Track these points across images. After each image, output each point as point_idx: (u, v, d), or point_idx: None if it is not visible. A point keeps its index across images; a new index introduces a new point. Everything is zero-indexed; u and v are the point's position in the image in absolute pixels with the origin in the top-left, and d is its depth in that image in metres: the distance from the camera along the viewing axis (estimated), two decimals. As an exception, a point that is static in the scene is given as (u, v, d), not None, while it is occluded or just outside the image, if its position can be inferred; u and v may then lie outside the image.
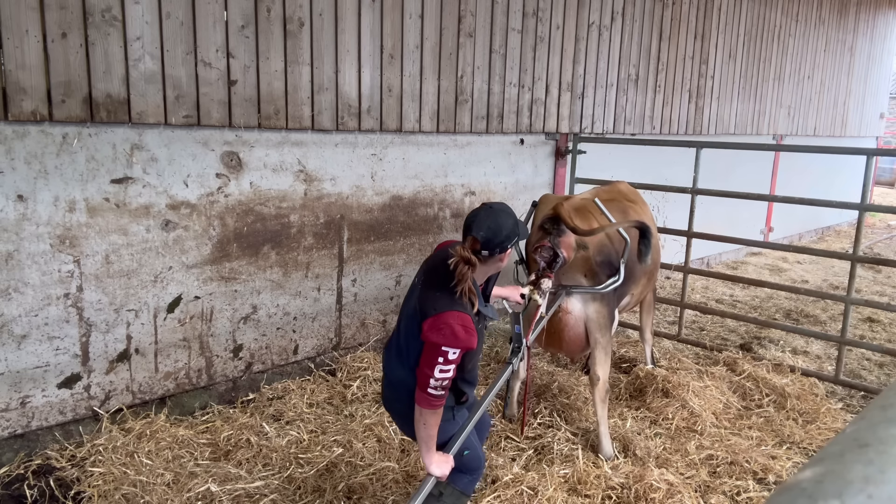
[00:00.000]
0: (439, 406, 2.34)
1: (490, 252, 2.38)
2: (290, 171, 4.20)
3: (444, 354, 2.27)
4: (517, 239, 2.46)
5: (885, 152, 4.50)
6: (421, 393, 2.32)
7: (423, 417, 2.35)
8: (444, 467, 2.44)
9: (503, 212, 2.44)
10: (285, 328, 4.39)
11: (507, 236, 2.39)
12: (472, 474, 2.73)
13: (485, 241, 2.36)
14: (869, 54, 11.80)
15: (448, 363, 2.28)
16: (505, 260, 2.50)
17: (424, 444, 2.40)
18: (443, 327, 2.27)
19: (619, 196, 4.19)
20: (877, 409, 0.59)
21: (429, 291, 2.39)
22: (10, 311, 3.24)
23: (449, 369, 2.28)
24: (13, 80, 3.07)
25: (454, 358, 2.28)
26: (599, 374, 3.61)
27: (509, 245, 2.42)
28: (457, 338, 2.27)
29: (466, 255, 2.33)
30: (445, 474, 2.45)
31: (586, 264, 3.57)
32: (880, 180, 20.46)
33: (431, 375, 2.28)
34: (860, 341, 5.26)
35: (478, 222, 2.39)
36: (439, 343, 2.27)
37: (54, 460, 3.34)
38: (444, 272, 2.38)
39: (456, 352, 2.28)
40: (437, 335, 2.27)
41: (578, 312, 3.59)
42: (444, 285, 2.35)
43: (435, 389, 2.29)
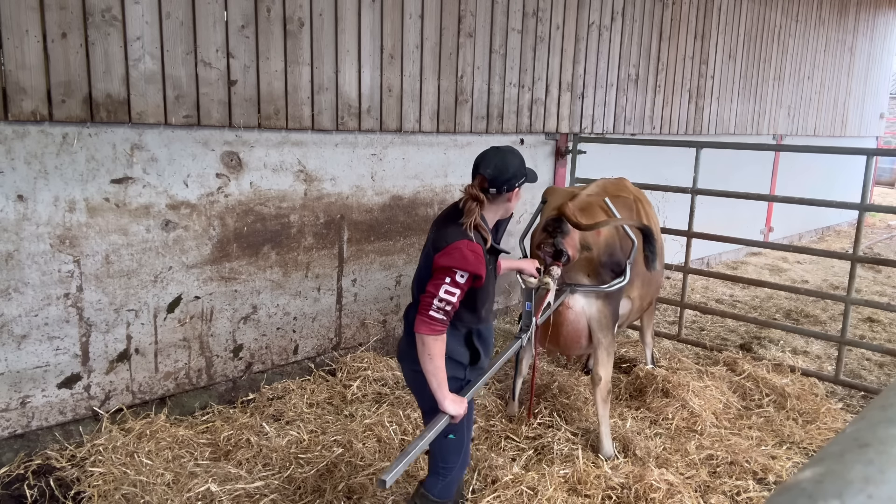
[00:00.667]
0: (440, 332, 2.29)
1: (498, 189, 2.42)
2: (290, 171, 4.20)
3: (452, 275, 2.27)
4: (524, 179, 2.50)
5: (885, 152, 4.50)
6: (421, 316, 2.28)
7: (426, 347, 2.30)
8: (458, 406, 2.38)
9: (510, 152, 2.49)
10: (285, 328, 4.39)
11: (513, 174, 2.44)
12: (446, 475, 2.62)
13: (492, 179, 2.41)
14: (869, 54, 11.81)
15: (455, 285, 2.27)
16: (513, 201, 2.53)
17: (434, 378, 2.34)
18: (453, 251, 2.30)
19: (626, 192, 4.16)
20: (877, 409, 0.59)
21: (441, 230, 2.43)
22: (10, 311, 3.24)
23: (455, 292, 2.27)
24: (13, 80, 3.07)
25: (462, 281, 2.28)
26: (602, 374, 3.61)
27: (517, 183, 2.46)
28: (466, 260, 2.28)
29: (475, 192, 2.40)
30: (460, 414, 2.39)
31: (590, 265, 3.57)
32: (880, 180, 20.46)
33: (436, 295, 2.26)
34: (860, 341, 5.26)
35: (486, 161, 2.45)
36: (448, 265, 2.28)
37: (54, 460, 3.34)
38: (454, 214, 2.45)
39: (464, 275, 2.28)
40: (447, 258, 2.30)
41: (580, 309, 3.58)
42: (455, 223, 2.40)
43: (437, 311, 2.26)
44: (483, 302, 2.50)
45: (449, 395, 2.37)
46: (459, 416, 2.39)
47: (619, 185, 4.24)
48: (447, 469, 2.61)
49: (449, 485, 2.64)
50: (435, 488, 2.62)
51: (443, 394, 2.36)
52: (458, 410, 2.38)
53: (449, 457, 2.60)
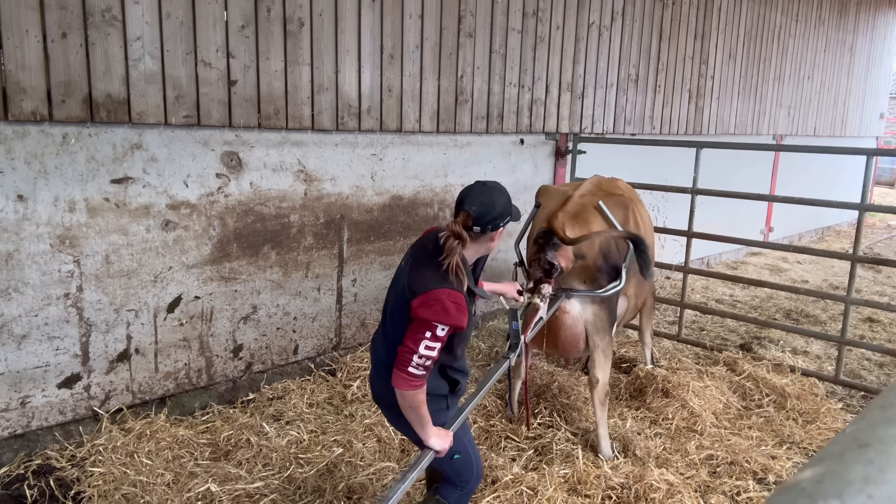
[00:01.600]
0: (419, 387, 2.22)
1: (482, 228, 2.31)
2: (290, 171, 4.20)
3: (433, 329, 2.18)
4: (509, 219, 2.40)
5: (885, 152, 4.50)
6: (399, 372, 2.20)
7: (406, 400, 2.24)
8: (443, 441, 2.35)
9: (497, 189, 2.38)
10: (285, 328, 4.39)
11: (499, 213, 2.33)
12: (463, 487, 2.59)
13: (477, 217, 2.30)
14: (869, 54, 11.80)
15: (436, 339, 2.19)
16: (496, 241, 2.43)
17: (418, 423, 2.29)
18: (433, 303, 2.19)
19: (619, 190, 4.16)
20: (877, 409, 0.59)
21: (418, 270, 2.31)
22: (10, 311, 3.24)
23: (435, 347, 2.19)
24: (13, 80, 3.07)
25: (442, 335, 2.19)
26: (599, 376, 3.60)
27: (501, 223, 2.36)
28: (448, 314, 2.19)
29: (457, 230, 2.28)
30: (445, 449, 2.36)
31: (585, 272, 3.56)
32: (880, 180, 20.46)
33: (416, 351, 2.18)
34: (860, 341, 5.26)
35: (471, 198, 2.33)
36: (429, 318, 2.18)
37: (54, 460, 3.34)
38: (433, 250, 2.33)
39: (445, 329, 2.19)
40: (427, 311, 2.19)
41: (577, 313, 3.58)
42: (434, 263, 2.28)
43: (416, 368, 2.19)
44: (459, 344, 2.43)
45: (433, 431, 2.34)
46: (445, 450, 2.37)
47: (612, 183, 4.23)
48: (464, 482, 2.61)
49: (465, 495, 2.64)
50: (451, 497, 2.60)
51: (427, 432, 2.32)
52: (443, 445, 2.35)
53: (462, 472, 2.59)
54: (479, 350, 5.12)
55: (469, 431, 2.67)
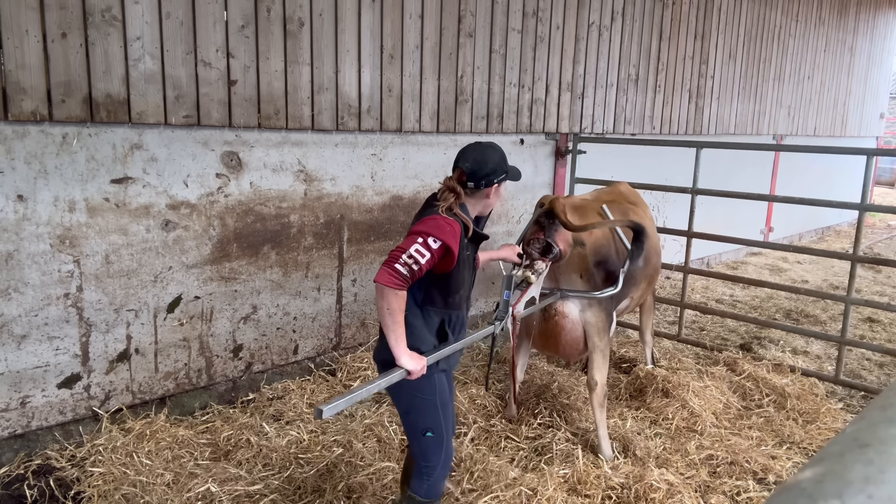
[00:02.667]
0: (400, 286, 2.23)
1: (476, 184, 2.43)
2: (290, 171, 4.20)
3: (425, 237, 2.25)
4: (505, 176, 2.49)
5: (885, 152, 4.50)
6: (385, 267, 2.23)
7: (385, 300, 2.24)
8: (415, 362, 2.33)
9: (490, 147, 2.49)
10: (285, 328, 4.39)
11: (492, 169, 2.44)
12: (429, 474, 2.57)
13: (471, 173, 2.42)
14: (869, 54, 11.81)
15: (426, 247, 2.24)
16: (492, 197, 2.52)
17: (392, 333, 2.30)
18: (428, 220, 2.31)
19: (620, 197, 4.18)
20: (877, 409, 0.59)
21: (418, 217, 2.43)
22: (10, 311, 3.24)
23: (425, 254, 2.23)
24: (13, 80, 3.07)
25: (434, 247, 2.25)
26: (597, 378, 3.60)
27: (495, 179, 2.46)
28: (440, 228, 2.27)
29: (451, 185, 2.41)
30: (416, 371, 2.33)
31: (582, 263, 3.56)
32: (880, 180, 20.46)
33: (406, 250, 2.23)
34: (860, 341, 5.26)
35: (465, 155, 2.46)
36: (422, 230, 2.27)
37: (54, 460, 3.34)
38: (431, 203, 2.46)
39: (437, 241, 2.25)
40: (421, 225, 2.30)
41: (575, 317, 3.58)
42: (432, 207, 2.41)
43: (402, 266, 2.21)
44: (457, 287, 2.47)
45: (406, 351, 2.34)
46: (416, 372, 2.35)
47: (612, 192, 4.26)
48: (430, 468, 2.57)
49: (434, 484, 2.61)
50: (421, 489, 2.58)
51: (400, 349, 2.33)
52: (414, 366, 2.34)
53: (430, 455, 2.56)
54: (479, 350, 5.12)
55: (451, 416, 2.66)
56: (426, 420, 2.51)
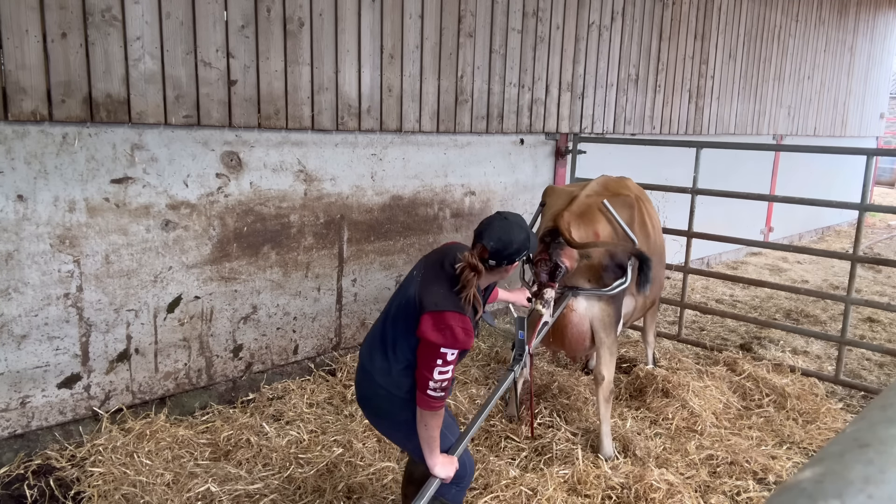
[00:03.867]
0: (439, 407, 2.32)
1: (498, 262, 2.39)
2: (290, 171, 4.20)
3: (444, 356, 2.26)
4: (526, 252, 2.45)
5: (885, 152, 4.50)
6: (421, 394, 2.31)
7: (423, 419, 2.33)
8: (448, 469, 2.41)
9: (517, 225, 2.43)
10: (285, 328, 4.39)
11: (517, 249, 2.39)
12: (459, 483, 2.64)
13: (494, 252, 2.36)
14: (869, 54, 11.80)
15: (447, 364, 2.28)
16: (511, 271, 2.50)
17: (427, 445, 2.37)
18: (444, 329, 2.26)
19: (626, 189, 4.14)
20: (877, 409, 0.59)
21: (431, 286, 2.36)
22: (10, 311, 3.24)
23: (447, 370, 2.28)
24: (13, 80, 3.07)
25: (453, 359, 2.28)
26: (604, 373, 3.61)
27: (518, 258, 2.42)
28: (457, 340, 2.27)
29: (473, 262, 2.33)
30: (450, 476, 2.42)
31: (591, 271, 3.57)
32: (880, 180, 20.46)
33: (431, 378, 2.26)
34: (860, 341, 5.26)
35: (490, 231, 2.39)
36: (439, 344, 2.25)
37: (54, 460, 3.34)
38: (449, 271, 2.39)
39: (454, 353, 2.28)
40: (438, 335, 2.26)
41: (583, 311, 3.58)
42: (448, 284, 2.35)
43: (434, 391, 2.28)
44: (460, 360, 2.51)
45: (439, 459, 2.38)
46: (450, 478, 2.41)
47: (620, 182, 4.22)
48: (459, 479, 2.63)
49: (461, 492, 2.67)
50: (449, 493, 2.62)
51: (434, 459, 2.37)
52: (448, 473, 2.39)
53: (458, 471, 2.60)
54: (479, 350, 5.12)
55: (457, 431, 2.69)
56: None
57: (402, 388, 2.38)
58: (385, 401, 2.42)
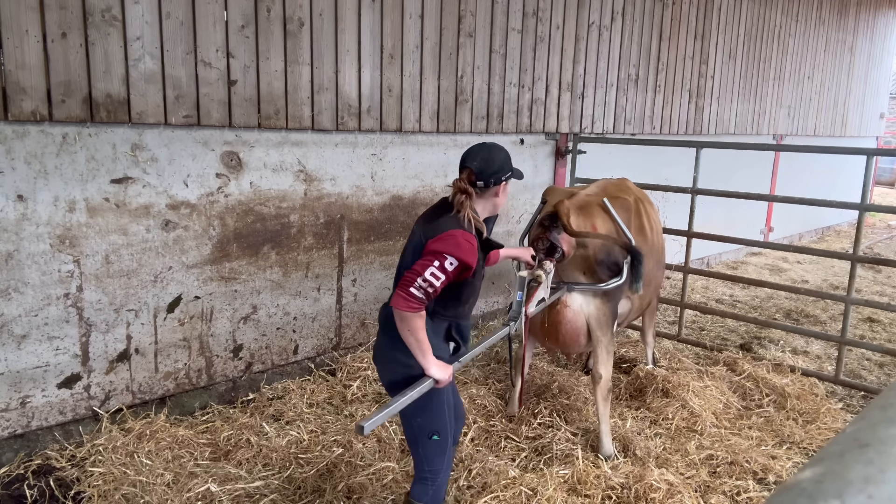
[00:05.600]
0: (416, 309, 2.27)
1: (485, 182, 2.46)
2: (290, 171, 4.20)
3: (442, 259, 2.27)
4: (510, 175, 2.52)
5: (885, 152, 4.50)
6: (400, 291, 2.26)
7: (405, 323, 2.29)
8: (443, 371, 2.38)
9: (495, 146, 2.54)
10: (285, 328, 4.39)
11: (500, 167, 2.48)
12: (433, 479, 2.56)
13: (479, 172, 2.45)
14: (869, 54, 11.80)
15: (443, 270, 2.26)
16: (500, 196, 2.55)
17: (418, 350, 2.34)
18: (447, 238, 2.31)
19: (627, 192, 4.15)
20: (877, 409, 0.59)
21: (432, 222, 2.42)
22: (10, 311, 3.24)
23: (441, 277, 2.25)
24: (13, 80, 3.07)
25: (451, 269, 2.27)
26: (602, 372, 3.61)
27: (503, 177, 2.49)
28: (459, 247, 2.28)
29: (463, 186, 2.45)
30: (445, 379, 2.39)
31: (585, 262, 3.57)
32: (880, 180, 20.46)
33: (421, 274, 2.25)
34: (860, 341, 5.26)
35: (472, 155, 2.50)
36: (440, 250, 2.28)
37: (54, 460, 3.34)
38: (443, 207, 2.49)
39: (454, 262, 2.27)
40: (440, 243, 2.30)
41: (578, 307, 3.58)
42: (447, 215, 2.43)
43: (418, 290, 2.24)
44: (469, 296, 2.51)
45: (434, 361, 2.38)
46: (444, 380, 2.40)
47: (620, 185, 4.23)
48: (434, 472, 2.56)
49: (438, 490, 2.59)
50: (426, 496, 2.56)
51: (427, 361, 2.37)
52: (443, 375, 2.38)
53: (434, 459, 2.55)
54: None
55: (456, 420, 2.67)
56: (435, 423, 2.51)
57: None
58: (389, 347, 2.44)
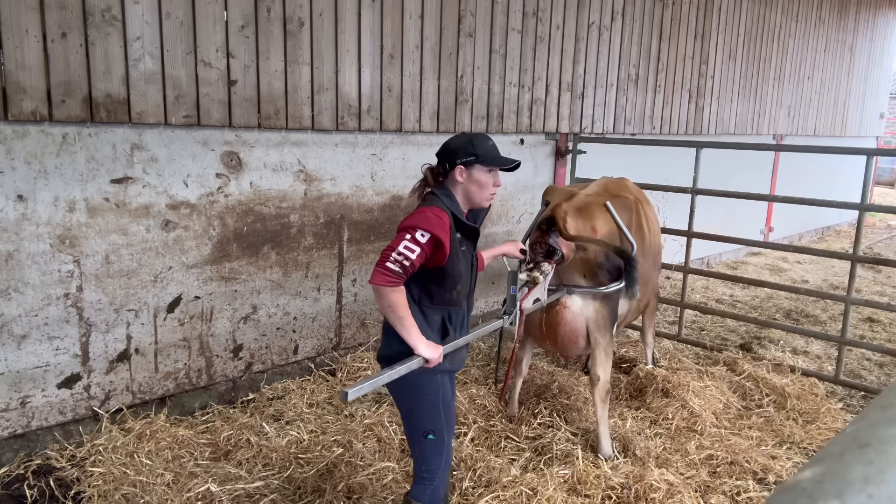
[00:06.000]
0: (395, 283, 2.26)
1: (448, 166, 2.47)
2: (290, 171, 4.20)
3: (412, 232, 2.27)
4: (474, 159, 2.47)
5: (885, 152, 4.50)
6: (377, 268, 2.26)
7: (384, 299, 2.27)
8: (433, 351, 2.36)
9: (461, 133, 2.61)
10: (285, 328, 4.39)
11: (453, 150, 2.48)
12: (431, 479, 2.53)
13: (439, 156, 2.51)
14: (869, 54, 11.80)
15: (415, 242, 2.26)
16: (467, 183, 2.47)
17: (402, 326, 2.32)
18: (416, 213, 2.35)
19: (626, 192, 4.15)
20: (877, 409, 0.59)
21: None
22: (10, 311, 3.24)
23: (415, 249, 2.25)
24: (13, 80, 3.07)
25: (423, 241, 2.26)
26: (600, 374, 3.61)
27: (458, 160, 2.46)
28: (427, 220, 2.29)
29: (425, 172, 2.52)
30: (434, 359, 2.37)
31: (585, 265, 3.57)
32: (880, 180, 20.46)
33: (395, 248, 2.25)
34: (860, 341, 5.26)
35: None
36: (409, 224, 2.29)
37: (54, 460, 3.34)
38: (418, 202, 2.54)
39: (425, 234, 2.26)
40: (408, 219, 2.33)
41: (577, 309, 3.58)
42: None
43: (394, 263, 2.24)
44: (454, 282, 2.45)
45: (423, 340, 2.36)
46: (434, 359, 2.37)
47: (619, 184, 4.23)
48: (431, 472, 2.54)
49: (436, 490, 2.56)
50: (424, 496, 2.54)
51: (414, 338, 2.34)
52: (432, 354, 2.36)
53: (431, 459, 2.53)
54: (479, 350, 5.12)
55: (453, 419, 2.64)
56: (428, 422, 2.49)
57: None
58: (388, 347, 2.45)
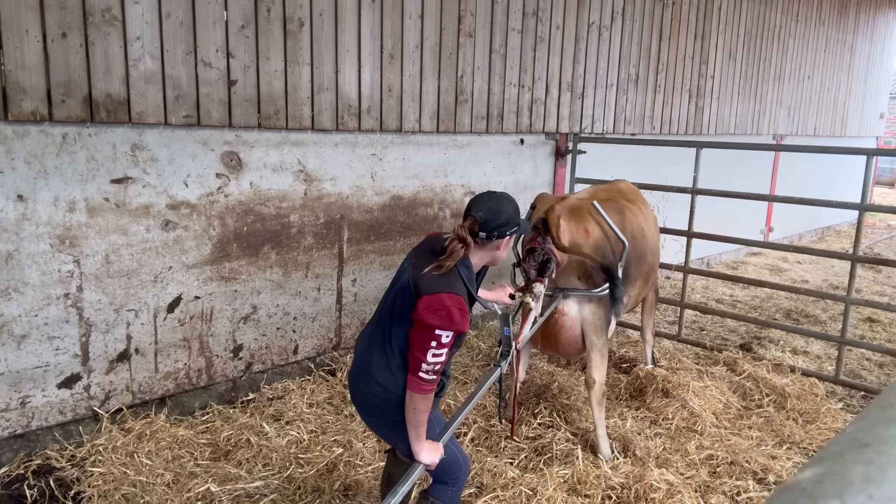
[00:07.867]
0: (430, 391, 2.27)
1: (488, 235, 2.34)
2: (290, 171, 4.20)
3: (438, 338, 2.21)
4: (517, 230, 2.41)
5: (885, 152, 4.50)
6: (412, 377, 2.26)
7: (412, 402, 2.28)
8: (433, 455, 2.37)
9: (505, 198, 2.41)
10: (285, 328, 4.39)
11: (506, 221, 2.35)
12: (454, 484, 2.59)
13: (483, 223, 2.33)
14: (869, 54, 11.80)
15: (441, 347, 2.22)
16: (502, 249, 2.44)
17: (414, 430, 2.33)
18: (439, 309, 2.21)
19: (618, 195, 4.17)
20: (877, 409, 0.59)
21: (423, 271, 2.32)
22: (10, 311, 3.24)
23: (442, 353, 2.23)
24: (13, 80, 3.07)
25: (447, 342, 2.23)
26: (595, 377, 3.60)
27: (508, 231, 2.37)
28: (452, 321, 2.21)
29: (462, 234, 2.32)
30: (435, 462, 2.38)
31: (581, 266, 3.57)
32: (880, 180, 20.46)
33: (424, 360, 2.22)
34: (860, 341, 5.26)
35: (479, 204, 2.37)
36: (434, 325, 2.20)
37: (54, 460, 3.34)
38: (438, 252, 2.36)
39: (450, 335, 2.22)
40: (433, 316, 2.20)
41: (574, 314, 3.59)
42: (438, 265, 2.31)
43: (426, 374, 2.23)
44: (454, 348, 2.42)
45: (425, 445, 2.35)
46: (434, 464, 2.38)
47: (610, 189, 4.24)
48: (454, 479, 2.60)
49: (456, 493, 2.62)
50: (445, 496, 2.59)
51: (420, 444, 2.34)
52: (433, 459, 2.36)
53: (451, 470, 2.57)
54: (479, 350, 5.12)
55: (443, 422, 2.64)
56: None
57: (399, 386, 2.34)
58: (381, 399, 2.37)
